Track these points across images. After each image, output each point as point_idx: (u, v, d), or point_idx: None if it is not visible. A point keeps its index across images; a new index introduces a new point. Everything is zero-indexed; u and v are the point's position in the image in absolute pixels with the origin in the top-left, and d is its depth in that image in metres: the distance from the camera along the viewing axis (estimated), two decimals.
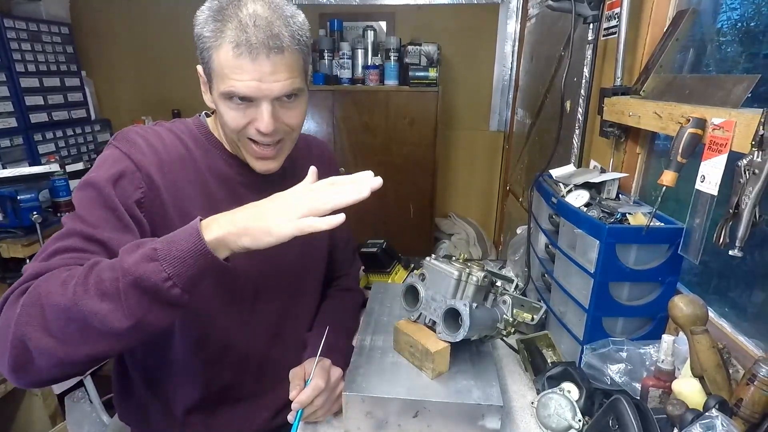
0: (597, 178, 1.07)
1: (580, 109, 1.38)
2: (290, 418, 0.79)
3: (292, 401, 0.79)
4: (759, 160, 0.68)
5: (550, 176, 1.20)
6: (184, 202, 0.82)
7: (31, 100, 2.46)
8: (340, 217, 0.62)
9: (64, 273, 0.63)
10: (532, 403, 0.86)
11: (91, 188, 0.74)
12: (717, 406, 0.62)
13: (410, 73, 2.56)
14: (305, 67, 0.82)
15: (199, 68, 0.83)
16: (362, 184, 0.64)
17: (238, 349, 0.92)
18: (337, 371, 0.86)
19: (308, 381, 0.81)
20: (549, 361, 1.00)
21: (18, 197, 1.72)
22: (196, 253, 0.60)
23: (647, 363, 0.84)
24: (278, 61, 0.74)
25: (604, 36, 1.29)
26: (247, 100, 0.76)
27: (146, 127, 0.85)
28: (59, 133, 2.63)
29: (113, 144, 0.80)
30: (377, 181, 0.64)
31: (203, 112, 0.93)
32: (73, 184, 2.03)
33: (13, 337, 0.60)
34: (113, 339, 0.61)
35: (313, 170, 0.71)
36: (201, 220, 0.63)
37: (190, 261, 0.60)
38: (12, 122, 2.36)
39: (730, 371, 0.72)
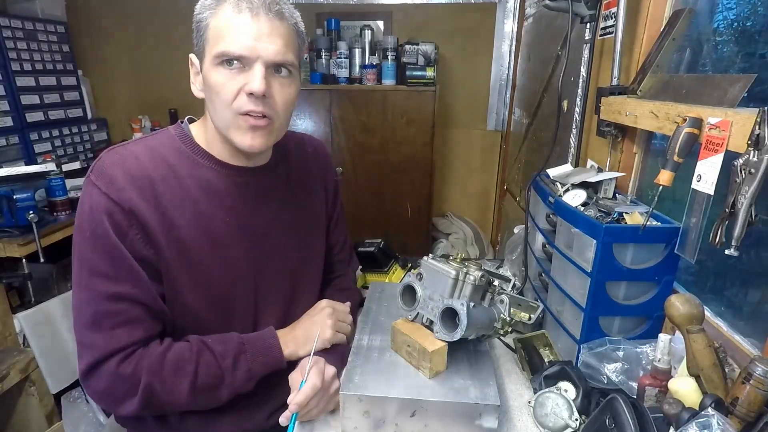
0: (594, 178, 1.07)
1: (577, 109, 1.38)
2: (282, 420, 0.79)
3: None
4: (755, 159, 0.68)
5: (548, 176, 1.20)
6: (172, 225, 0.80)
7: (27, 99, 2.44)
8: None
9: (160, 371, 0.79)
10: (529, 402, 0.86)
11: (92, 238, 0.76)
12: (713, 405, 0.62)
13: (407, 73, 2.56)
14: (299, 54, 0.82)
15: (192, 56, 0.82)
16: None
17: None
18: (331, 369, 0.86)
19: (303, 382, 0.81)
20: (546, 360, 1.01)
21: (14, 196, 1.70)
22: (277, 365, 0.88)
23: (644, 362, 0.84)
24: (277, 25, 0.76)
25: (601, 35, 1.29)
26: (240, 62, 0.75)
27: (125, 150, 0.82)
28: (55, 132, 2.61)
29: (92, 181, 0.77)
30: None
31: (186, 119, 0.91)
32: (70, 183, 2.02)
33: (156, 409, 0.83)
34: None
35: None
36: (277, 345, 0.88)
37: (274, 369, 0.88)
38: (8, 121, 2.34)
39: (726, 370, 0.73)
